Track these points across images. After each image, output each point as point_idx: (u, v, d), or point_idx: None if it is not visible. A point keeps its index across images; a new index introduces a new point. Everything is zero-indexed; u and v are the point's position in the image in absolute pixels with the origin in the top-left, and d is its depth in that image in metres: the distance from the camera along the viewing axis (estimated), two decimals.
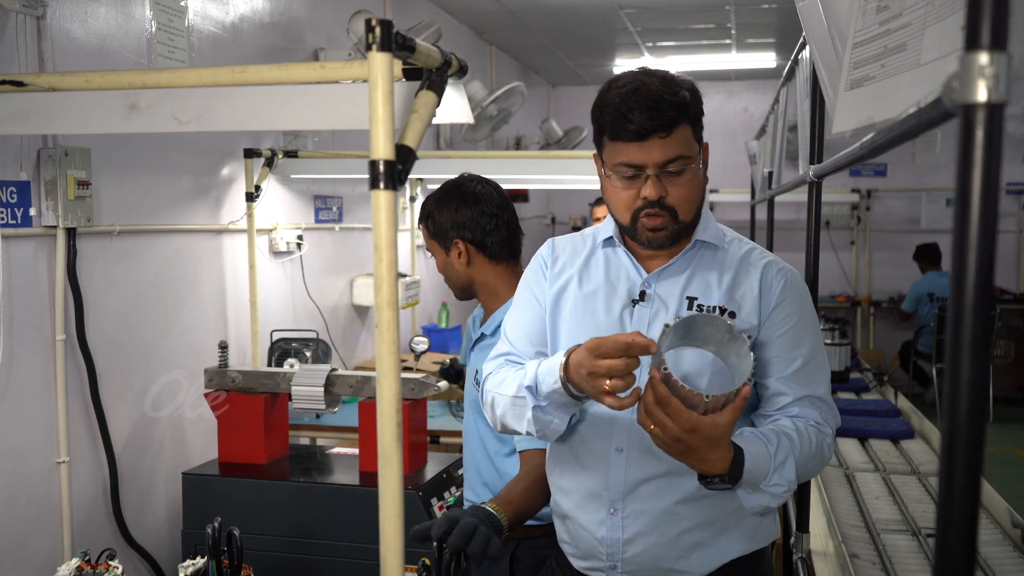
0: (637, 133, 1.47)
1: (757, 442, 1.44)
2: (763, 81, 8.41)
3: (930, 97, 0.84)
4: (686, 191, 1.52)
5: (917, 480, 3.07)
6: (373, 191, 1.12)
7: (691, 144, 1.51)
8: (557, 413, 1.50)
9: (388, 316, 1.11)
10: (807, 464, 1.50)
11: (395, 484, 1.14)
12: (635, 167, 1.50)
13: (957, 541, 0.67)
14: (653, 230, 1.53)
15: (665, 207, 1.51)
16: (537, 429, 1.53)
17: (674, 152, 1.49)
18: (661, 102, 1.46)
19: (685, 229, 1.57)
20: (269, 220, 3.84)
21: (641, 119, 1.45)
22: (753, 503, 1.49)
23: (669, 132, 1.47)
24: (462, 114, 1.55)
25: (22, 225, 2.52)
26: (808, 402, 1.54)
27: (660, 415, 1.33)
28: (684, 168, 1.51)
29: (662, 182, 1.50)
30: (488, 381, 1.64)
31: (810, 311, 1.60)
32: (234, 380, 2.83)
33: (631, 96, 1.47)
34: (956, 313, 0.66)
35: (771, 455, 1.44)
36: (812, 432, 1.51)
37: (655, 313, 1.56)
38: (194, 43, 3.24)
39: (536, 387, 1.48)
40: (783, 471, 1.45)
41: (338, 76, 1.43)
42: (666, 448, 1.37)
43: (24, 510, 2.55)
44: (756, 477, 1.43)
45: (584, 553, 1.61)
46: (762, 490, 1.45)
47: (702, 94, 1.56)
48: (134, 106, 1.56)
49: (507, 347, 1.67)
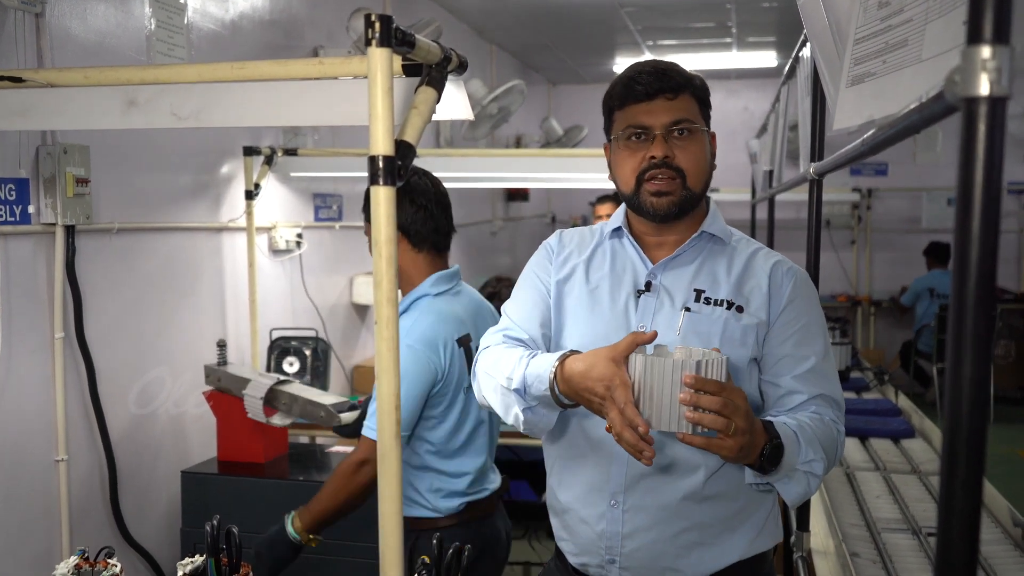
0: (645, 93, 1.53)
1: (776, 422, 1.43)
2: (763, 80, 8.40)
3: (932, 92, 0.84)
4: (693, 155, 1.55)
5: (917, 479, 3.06)
6: (372, 187, 1.12)
7: (697, 115, 1.56)
8: (547, 411, 1.50)
9: (388, 312, 1.11)
10: (831, 454, 1.47)
11: (395, 483, 1.13)
12: (642, 127, 1.54)
13: (959, 535, 0.67)
14: (657, 194, 1.53)
15: (673, 167, 1.53)
16: (526, 427, 1.53)
17: (680, 115, 1.54)
18: (669, 69, 1.55)
19: (691, 199, 1.56)
20: (268, 218, 3.84)
21: (648, 80, 1.53)
22: (793, 492, 1.44)
23: (676, 95, 1.54)
24: (462, 110, 1.55)
25: (21, 223, 2.51)
26: (822, 400, 1.52)
27: (696, 397, 1.28)
28: (691, 131, 1.54)
29: (669, 144, 1.53)
30: (482, 357, 1.61)
31: (819, 311, 1.59)
32: (220, 380, 2.84)
33: (639, 66, 1.57)
34: (958, 305, 0.66)
35: (794, 431, 1.42)
36: (830, 424, 1.50)
37: (660, 304, 1.55)
38: (193, 41, 3.23)
39: (525, 389, 1.47)
40: (814, 447, 1.42)
41: (337, 72, 1.43)
42: (721, 439, 1.30)
43: (22, 508, 2.54)
44: (791, 453, 1.39)
45: (582, 548, 1.59)
46: (799, 470, 1.42)
47: None
48: (133, 102, 1.56)
49: (507, 323, 1.64)
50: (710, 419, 1.28)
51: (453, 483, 2.20)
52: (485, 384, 1.57)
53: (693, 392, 1.28)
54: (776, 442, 1.37)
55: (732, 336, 1.51)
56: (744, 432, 1.31)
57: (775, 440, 1.37)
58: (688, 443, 1.31)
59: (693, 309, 1.53)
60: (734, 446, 1.31)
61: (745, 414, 1.31)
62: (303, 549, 2.16)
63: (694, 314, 1.53)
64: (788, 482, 1.43)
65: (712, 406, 1.28)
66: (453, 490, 2.20)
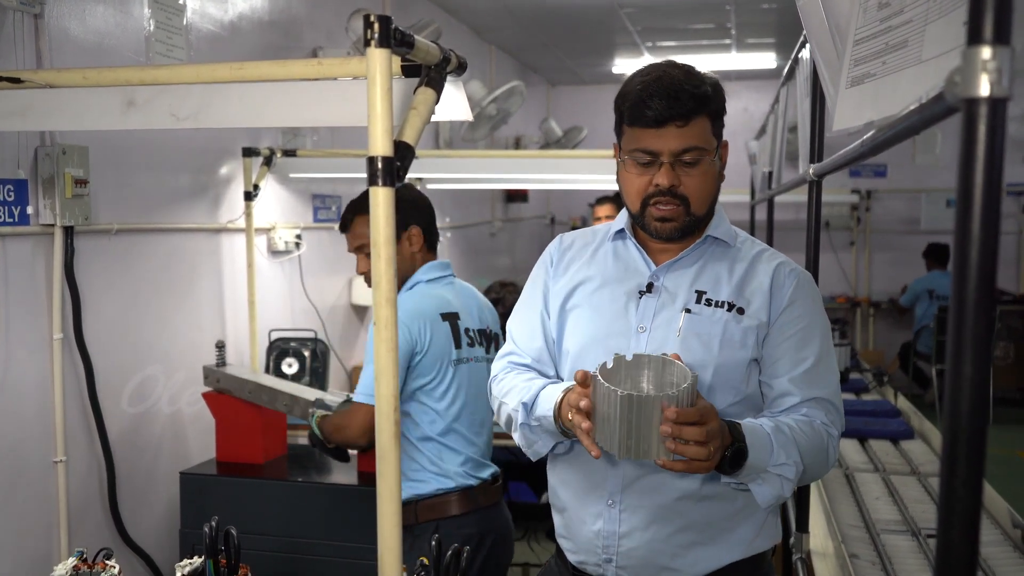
0: (655, 120, 1.49)
1: (750, 424, 1.43)
2: (763, 81, 8.40)
3: (932, 93, 0.84)
4: (699, 183, 1.53)
5: (917, 480, 3.06)
6: (371, 187, 1.12)
7: (708, 138, 1.53)
8: (543, 437, 1.55)
9: (387, 313, 1.11)
10: (813, 457, 1.47)
11: (393, 483, 1.13)
12: (651, 153, 1.52)
13: (959, 536, 0.67)
14: (661, 220, 1.54)
15: (677, 195, 1.52)
16: (522, 444, 1.58)
17: (690, 142, 1.50)
18: (681, 92, 1.48)
19: (696, 223, 1.56)
20: (267, 219, 3.83)
21: (660, 106, 1.48)
22: (766, 494, 1.45)
23: (687, 122, 1.49)
24: (461, 111, 1.54)
25: (19, 223, 2.51)
26: (816, 403, 1.52)
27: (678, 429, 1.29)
28: (699, 159, 1.52)
29: (676, 171, 1.51)
30: (494, 385, 1.69)
31: (821, 314, 1.58)
32: (219, 381, 2.84)
33: (653, 84, 1.50)
34: (958, 306, 0.66)
35: (768, 433, 1.42)
36: (819, 428, 1.49)
37: (661, 305, 1.55)
38: (192, 42, 3.23)
39: (532, 405, 1.53)
40: (788, 450, 1.42)
41: (336, 72, 1.43)
42: (698, 462, 1.33)
43: (21, 509, 2.54)
44: (760, 454, 1.40)
45: (580, 547, 1.61)
46: (770, 472, 1.42)
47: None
48: (131, 102, 1.56)
49: (511, 346, 1.70)
50: (693, 450, 1.31)
51: (453, 456, 2.32)
52: (501, 411, 1.65)
53: (674, 424, 1.29)
54: (739, 446, 1.38)
55: (732, 338, 1.51)
56: (719, 449, 1.34)
57: (738, 444, 1.38)
58: (669, 468, 1.34)
59: (694, 311, 1.53)
60: (712, 466, 1.35)
61: (720, 433, 1.34)
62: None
63: (694, 315, 1.53)
64: (760, 484, 1.45)
65: (694, 437, 1.30)
66: (456, 459, 2.32)
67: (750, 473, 1.42)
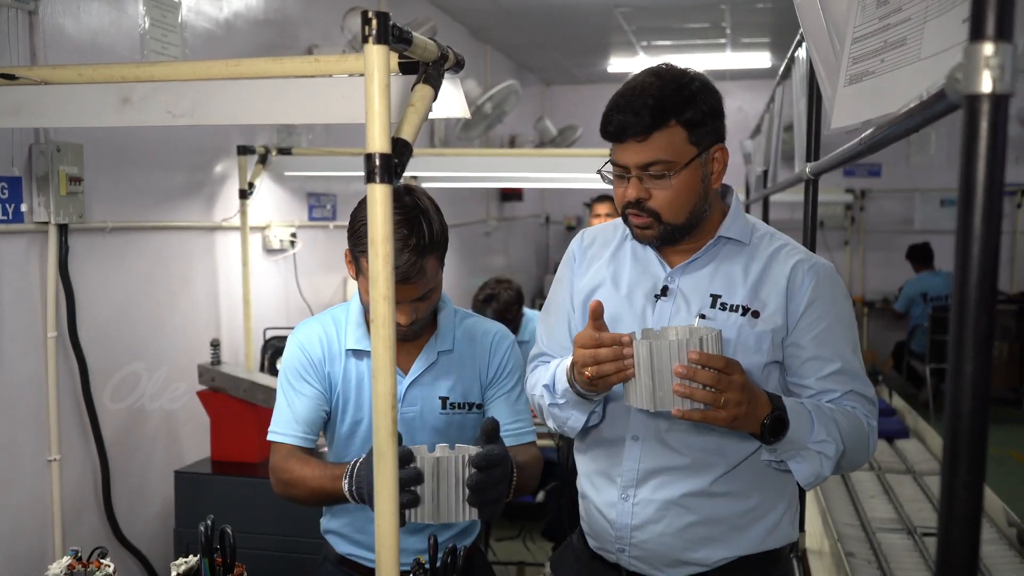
0: (614, 135, 1.50)
1: (790, 400, 1.44)
2: (758, 81, 8.40)
3: (931, 91, 0.83)
4: (670, 195, 1.51)
5: (912, 479, 3.07)
6: (369, 185, 1.11)
7: (678, 149, 1.48)
8: (573, 411, 1.56)
9: (384, 311, 1.10)
10: (853, 442, 1.46)
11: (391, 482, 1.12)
12: (620, 167, 1.53)
13: (960, 536, 0.66)
14: (639, 228, 1.56)
15: (645, 209, 1.52)
16: (555, 425, 1.61)
17: (652, 157, 1.48)
18: (643, 107, 1.46)
19: (678, 230, 1.55)
20: (262, 218, 3.82)
21: (618, 121, 1.48)
22: (805, 471, 1.45)
23: (646, 137, 1.47)
24: (459, 109, 1.54)
25: (13, 221, 2.50)
26: (852, 396, 1.52)
27: (692, 371, 1.32)
28: (665, 173, 1.49)
29: (645, 183, 1.51)
30: (527, 386, 1.74)
31: (843, 308, 1.56)
32: (213, 379, 2.84)
33: (622, 97, 1.49)
34: (959, 302, 0.65)
35: (809, 411, 1.43)
36: (861, 417, 1.50)
37: (676, 309, 1.56)
38: (187, 39, 3.22)
39: (553, 385, 1.56)
40: (829, 428, 1.43)
41: (332, 70, 1.42)
42: (715, 411, 1.33)
43: (15, 508, 2.53)
44: (800, 427, 1.40)
45: (596, 533, 1.65)
46: (810, 449, 1.42)
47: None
48: (127, 99, 1.55)
49: (540, 349, 1.74)
50: (701, 394, 1.32)
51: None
52: (536, 407, 1.69)
53: (689, 367, 1.31)
54: (779, 414, 1.39)
55: (746, 343, 1.51)
56: (738, 403, 1.34)
57: (777, 412, 1.39)
58: (687, 419, 1.35)
59: (708, 316, 1.53)
60: (727, 417, 1.34)
61: (740, 387, 1.34)
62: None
63: (708, 321, 1.53)
64: (800, 461, 1.45)
65: (707, 381, 1.32)
66: None
67: (789, 448, 1.43)
